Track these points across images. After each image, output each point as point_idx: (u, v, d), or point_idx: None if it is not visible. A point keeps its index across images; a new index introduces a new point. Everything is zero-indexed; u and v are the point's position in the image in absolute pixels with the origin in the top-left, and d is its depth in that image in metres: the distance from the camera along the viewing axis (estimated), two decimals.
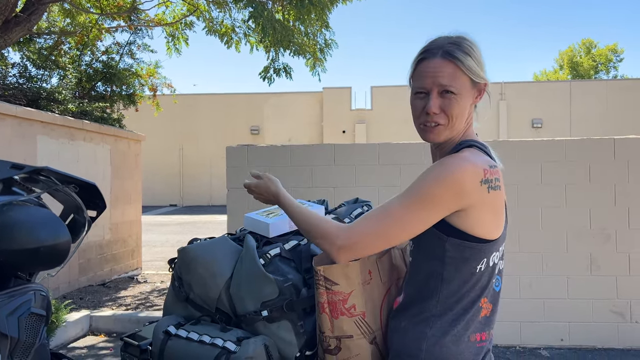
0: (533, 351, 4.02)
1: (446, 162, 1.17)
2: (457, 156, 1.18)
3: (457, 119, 1.22)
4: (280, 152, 4.30)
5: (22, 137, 5.03)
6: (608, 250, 4.02)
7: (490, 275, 1.23)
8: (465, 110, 1.24)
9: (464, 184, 1.13)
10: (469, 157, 1.17)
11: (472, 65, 1.21)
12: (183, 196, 21.96)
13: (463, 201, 1.14)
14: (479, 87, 1.25)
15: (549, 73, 36.27)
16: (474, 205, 1.15)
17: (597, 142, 4.08)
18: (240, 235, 1.63)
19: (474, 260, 1.18)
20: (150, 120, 12.93)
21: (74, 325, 4.44)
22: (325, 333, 1.29)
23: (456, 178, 1.13)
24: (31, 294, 1.15)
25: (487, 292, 1.23)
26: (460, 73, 1.20)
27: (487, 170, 1.17)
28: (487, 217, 1.18)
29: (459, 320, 1.19)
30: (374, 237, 1.16)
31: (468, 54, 1.21)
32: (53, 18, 8.06)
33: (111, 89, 7.83)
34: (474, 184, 1.14)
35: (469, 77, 1.21)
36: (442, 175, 1.14)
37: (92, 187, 1.32)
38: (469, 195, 1.14)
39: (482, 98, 1.28)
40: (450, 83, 1.20)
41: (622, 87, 20.63)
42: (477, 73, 1.22)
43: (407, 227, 1.15)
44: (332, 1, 5.93)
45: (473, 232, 1.17)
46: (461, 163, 1.15)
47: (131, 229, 7.20)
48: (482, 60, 1.25)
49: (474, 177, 1.14)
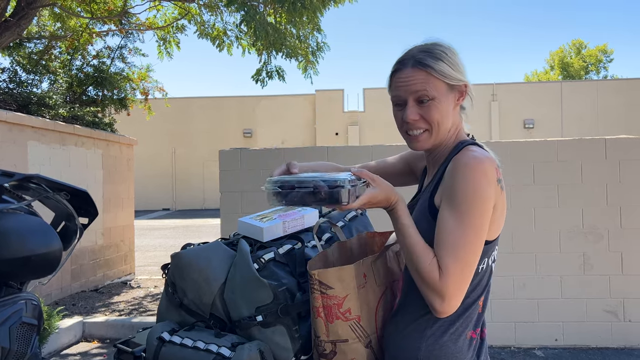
0: (528, 351, 4.03)
1: (472, 166, 1.14)
2: (476, 157, 1.16)
3: (440, 124, 1.23)
4: (273, 155, 4.29)
5: (13, 142, 4.99)
6: (601, 250, 4.05)
7: (490, 274, 1.25)
8: (447, 115, 1.24)
9: (494, 186, 1.16)
10: (486, 156, 1.18)
11: (444, 69, 1.21)
12: (176, 200, 21.88)
13: (494, 200, 1.17)
14: (458, 89, 1.25)
15: (540, 74, 36.50)
16: (493, 205, 1.17)
17: (589, 142, 4.11)
18: (234, 240, 1.62)
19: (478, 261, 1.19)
20: (143, 124, 12.88)
21: (66, 332, 4.40)
22: (321, 337, 1.29)
23: (489, 182, 1.14)
24: (22, 303, 1.13)
25: (485, 291, 1.25)
26: (433, 79, 1.21)
27: (498, 169, 1.19)
28: (495, 217, 1.19)
29: (459, 319, 1.20)
30: (469, 273, 1.14)
31: (440, 59, 1.22)
32: (43, 22, 8.02)
33: (102, 93, 7.79)
34: (495, 184, 1.17)
35: (443, 81, 1.22)
36: (481, 185, 1.13)
37: (83, 194, 1.30)
38: (495, 195, 1.17)
39: (466, 99, 1.29)
40: (423, 90, 1.21)
41: (613, 87, 20.80)
42: (451, 76, 1.22)
43: (481, 245, 1.16)
44: (324, 4, 5.93)
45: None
46: (484, 165, 1.15)
47: (124, 234, 7.16)
48: (459, 62, 1.25)
49: (495, 176, 1.17)
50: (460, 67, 1.25)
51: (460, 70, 1.25)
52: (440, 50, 1.24)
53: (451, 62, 1.23)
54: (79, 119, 6.54)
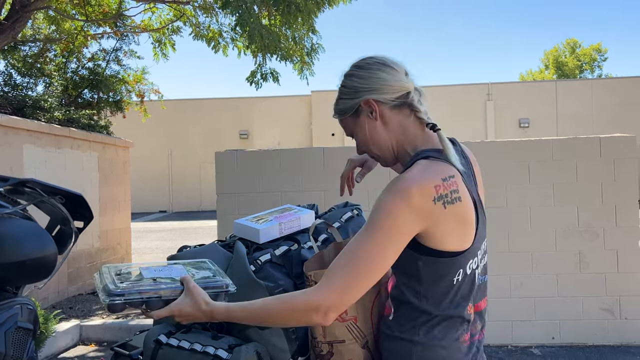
0: (525, 350, 4.04)
1: (394, 189, 1.12)
2: (405, 178, 1.12)
3: (376, 145, 1.26)
4: (270, 157, 4.29)
5: (8, 146, 4.98)
6: (596, 248, 4.06)
7: (471, 282, 1.20)
8: (377, 134, 1.25)
9: (416, 208, 1.09)
10: (416, 177, 1.12)
11: (342, 107, 1.27)
12: (173, 202, 21.83)
13: (421, 224, 1.11)
14: (363, 110, 1.24)
15: (534, 73, 36.63)
16: (434, 225, 1.12)
17: (584, 141, 4.12)
18: (230, 242, 1.63)
19: (450, 273, 1.16)
20: (139, 126, 12.85)
21: (63, 336, 4.39)
22: (318, 338, 1.29)
23: (407, 203, 1.09)
24: (17, 307, 1.13)
25: (471, 298, 1.21)
26: (345, 120, 1.29)
27: (439, 186, 1.11)
28: (452, 232, 1.14)
29: (446, 327, 1.18)
30: (355, 288, 1.10)
31: (340, 97, 1.28)
32: (38, 25, 8.00)
33: (98, 95, 7.77)
34: (427, 205, 1.10)
35: (348, 117, 1.27)
36: (394, 205, 1.10)
37: (78, 197, 1.30)
38: (425, 217, 1.11)
39: (414, 99, 1.23)
40: (347, 130, 1.31)
41: (607, 86, 20.89)
42: (350, 107, 1.26)
43: (380, 264, 1.11)
44: (318, 6, 5.94)
45: (442, 248, 1.14)
46: (409, 187, 1.10)
47: (121, 237, 7.14)
48: (361, 74, 1.24)
49: (424, 198, 1.10)
50: (360, 83, 1.24)
51: (358, 89, 1.23)
52: (341, 86, 1.28)
53: (346, 92, 1.26)
54: (75, 121, 6.52)
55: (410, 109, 1.24)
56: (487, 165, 4.18)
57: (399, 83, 1.23)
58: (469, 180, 1.21)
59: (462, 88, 21.18)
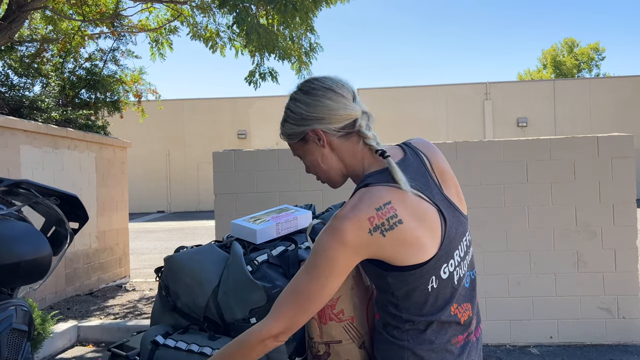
0: (523, 349, 4.05)
1: (329, 229, 1.13)
2: (339, 216, 1.12)
3: (326, 171, 1.27)
4: (267, 157, 4.28)
5: (5, 146, 4.96)
6: (594, 247, 4.06)
7: (451, 285, 1.19)
8: (325, 161, 1.25)
9: (351, 245, 1.10)
10: (349, 214, 1.11)
11: (290, 132, 1.26)
12: (171, 202, 21.81)
13: (361, 255, 1.13)
14: (313, 134, 1.23)
15: (532, 72, 36.66)
16: (378, 251, 1.12)
17: (582, 140, 4.13)
18: (227, 242, 1.62)
19: (422, 283, 1.15)
20: (136, 126, 12.84)
21: (61, 336, 4.38)
22: (314, 339, 1.29)
23: (341, 242, 1.10)
24: (12, 309, 1.12)
25: (455, 299, 1.20)
26: (292, 144, 1.29)
27: (373, 218, 1.10)
28: (403, 252, 1.12)
29: (434, 331, 1.18)
30: (300, 317, 1.15)
31: (286, 121, 1.27)
32: (35, 25, 7.98)
33: (95, 96, 7.75)
34: (363, 239, 1.10)
35: (296, 140, 1.27)
36: (329, 244, 1.11)
37: (73, 198, 1.30)
38: (364, 249, 1.11)
39: (362, 123, 1.22)
40: (294, 153, 1.31)
41: (605, 85, 20.93)
42: (297, 134, 1.25)
43: (319, 297, 1.14)
44: (315, 5, 5.94)
45: (403, 264, 1.13)
46: (342, 225, 1.10)
47: (118, 237, 7.13)
48: (307, 100, 1.22)
49: (359, 233, 1.10)
50: (305, 110, 1.22)
51: (304, 117, 1.22)
52: (286, 109, 1.28)
53: (293, 118, 1.25)
54: (72, 122, 6.51)
55: (358, 135, 1.22)
56: (485, 164, 4.19)
57: (345, 111, 1.20)
58: (426, 189, 1.18)
59: (460, 87, 21.20)
